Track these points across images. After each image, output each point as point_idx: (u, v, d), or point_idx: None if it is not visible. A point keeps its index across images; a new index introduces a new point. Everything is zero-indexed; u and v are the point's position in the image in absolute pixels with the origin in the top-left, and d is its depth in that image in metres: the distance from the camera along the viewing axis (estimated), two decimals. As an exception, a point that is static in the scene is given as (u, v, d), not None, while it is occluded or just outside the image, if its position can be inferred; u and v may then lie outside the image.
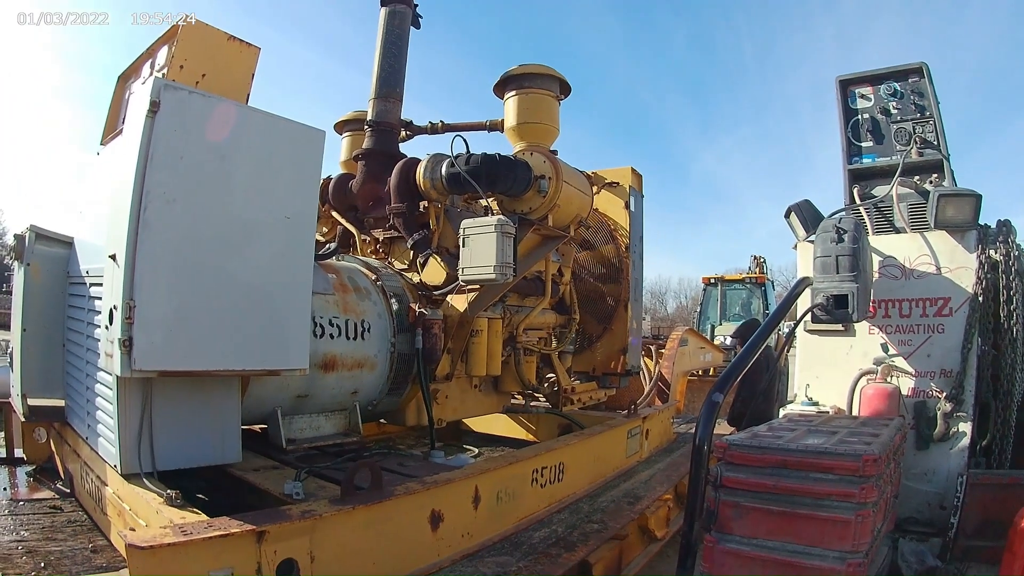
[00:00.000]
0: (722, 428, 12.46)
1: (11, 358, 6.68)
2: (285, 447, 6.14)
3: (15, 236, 6.51)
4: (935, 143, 6.80)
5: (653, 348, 14.39)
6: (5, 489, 6.66)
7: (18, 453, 7.54)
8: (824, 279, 5.86)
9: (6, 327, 11.18)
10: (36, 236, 6.40)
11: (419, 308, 7.12)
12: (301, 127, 5.43)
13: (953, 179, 6.73)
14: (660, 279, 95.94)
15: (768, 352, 11.01)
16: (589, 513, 7.01)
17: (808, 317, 6.24)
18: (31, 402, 6.62)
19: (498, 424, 9.98)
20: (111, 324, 4.56)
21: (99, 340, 5.07)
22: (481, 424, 10.01)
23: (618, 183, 10.25)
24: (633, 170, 10.42)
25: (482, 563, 5.49)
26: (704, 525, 4.62)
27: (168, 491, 4.64)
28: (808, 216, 6.88)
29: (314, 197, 5.79)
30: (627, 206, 10.13)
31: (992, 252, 6.10)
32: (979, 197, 6.14)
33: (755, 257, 31.46)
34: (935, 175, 6.80)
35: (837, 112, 7.28)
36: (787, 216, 7.09)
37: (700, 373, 16.78)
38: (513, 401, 9.44)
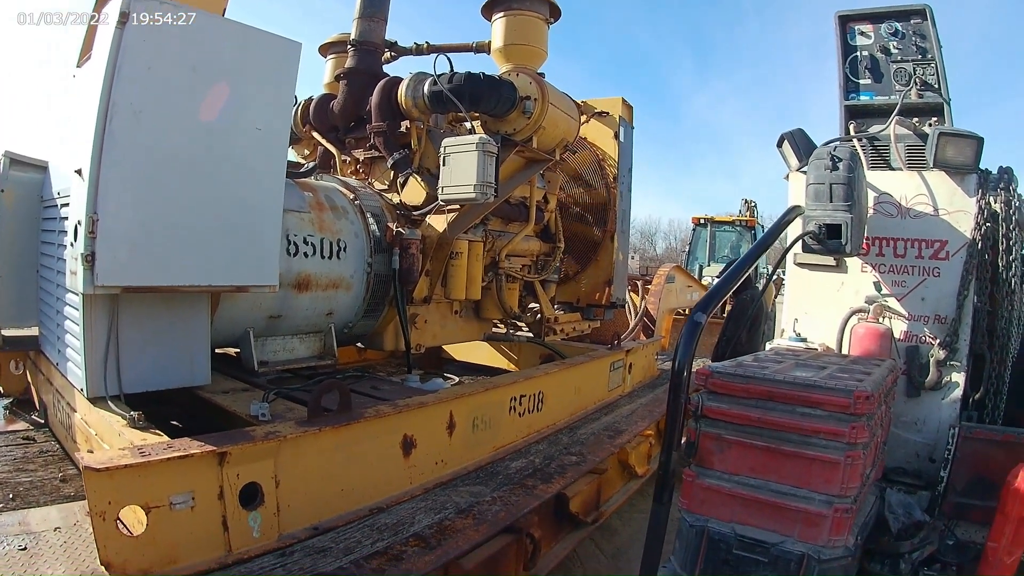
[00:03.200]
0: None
1: None
2: (257, 369, 6.05)
3: None
4: (936, 86, 6.58)
5: (639, 284, 14.32)
6: None
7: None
8: (817, 207, 5.67)
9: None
10: (11, 162, 6.27)
11: (397, 228, 6.96)
12: (276, 38, 5.23)
13: (952, 124, 6.54)
14: (650, 219, 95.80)
15: (752, 289, 10.92)
16: (568, 445, 6.94)
17: (798, 248, 6.08)
18: (5, 332, 6.59)
19: (480, 352, 9.95)
20: (75, 241, 4.44)
21: (66, 260, 4.92)
22: (462, 352, 9.97)
23: (608, 113, 10.08)
24: (624, 101, 10.23)
25: (455, 492, 5.41)
26: (684, 458, 4.49)
27: (131, 413, 4.55)
28: (801, 145, 6.67)
29: (288, 110, 5.66)
30: (616, 136, 9.96)
31: (992, 200, 5.89)
32: (981, 140, 5.89)
33: (746, 200, 31.32)
34: (935, 118, 6.56)
35: (835, 48, 7.09)
36: (779, 145, 6.87)
37: (686, 311, 16.69)
38: (495, 330, 9.32)
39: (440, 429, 5.72)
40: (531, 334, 9.48)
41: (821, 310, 6.45)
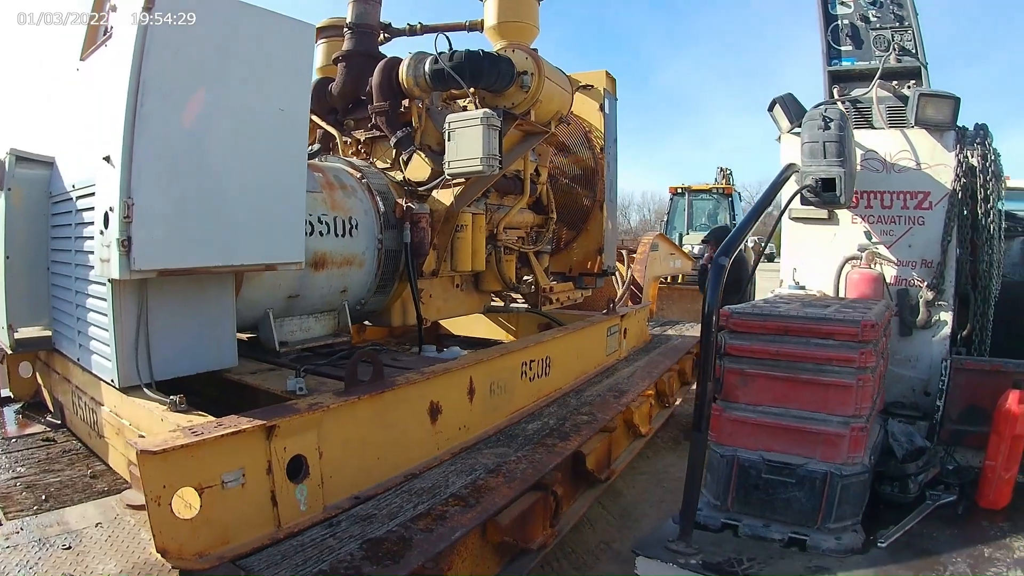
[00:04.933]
0: (695, 331, 12.69)
1: None
2: (278, 349, 6.13)
3: None
4: (913, 51, 6.94)
5: (624, 253, 14.52)
6: None
7: (4, 393, 7.33)
8: (812, 163, 6.07)
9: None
10: (16, 159, 6.15)
11: (406, 203, 7.11)
12: (292, 21, 5.31)
13: (930, 86, 6.87)
14: (623, 192, 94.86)
15: (741, 256, 11.16)
16: (577, 406, 7.20)
17: (795, 203, 6.48)
18: (17, 335, 6.44)
19: (478, 326, 10.14)
20: (107, 227, 4.46)
21: (90, 252, 4.96)
22: (461, 326, 10.13)
23: (593, 86, 10.25)
24: (607, 73, 10.39)
25: (481, 455, 5.62)
26: (711, 394, 4.78)
27: (172, 397, 4.62)
28: (792, 109, 6.99)
29: (306, 90, 5.78)
30: (602, 108, 10.15)
31: (969, 154, 6.29)
32: (958, 100, 6.33)
33: (721, 169, 31.76)
34: (913, 81, 6.95)
35: (817, 17, 7.36)
36: (771, 109, 7.16)
37: (669, 280, 16.94)
38: (492, 303, 9.52)
39: (462, 395, 5.91)
40: (527, 305, 9.66)
41: (816, 260, 6.83)
